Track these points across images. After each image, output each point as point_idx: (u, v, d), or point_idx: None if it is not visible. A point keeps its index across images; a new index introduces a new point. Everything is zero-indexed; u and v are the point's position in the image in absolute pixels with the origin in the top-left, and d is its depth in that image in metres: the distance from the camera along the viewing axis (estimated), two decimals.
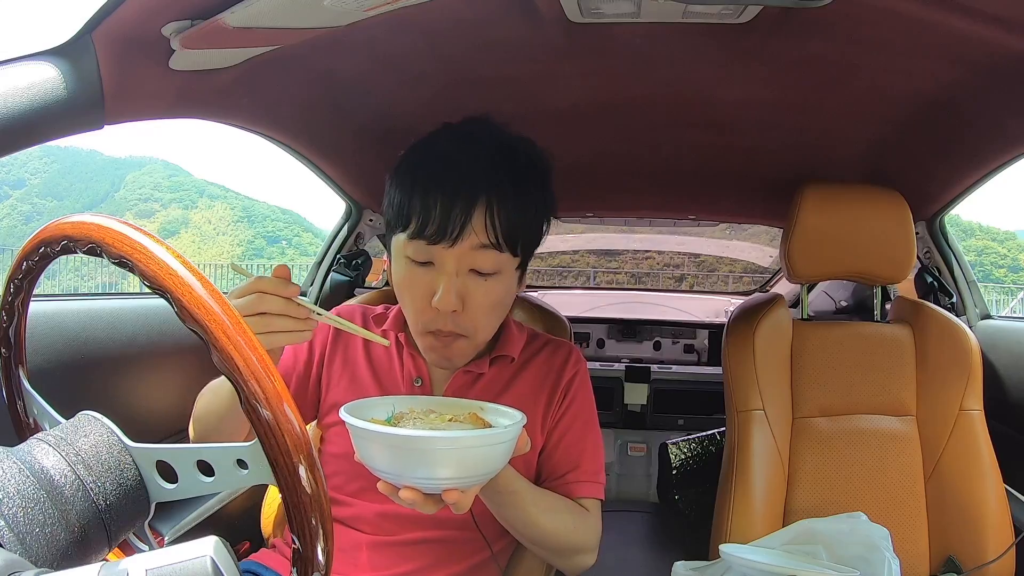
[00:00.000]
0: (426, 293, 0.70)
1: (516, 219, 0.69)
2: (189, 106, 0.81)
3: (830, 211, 1.11)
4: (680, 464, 1.74)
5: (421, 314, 0.71)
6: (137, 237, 0.38)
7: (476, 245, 0.68)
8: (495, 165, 0.69)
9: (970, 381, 1.07)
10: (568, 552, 0.76)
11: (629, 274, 4.05)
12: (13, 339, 0.48)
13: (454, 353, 0.74)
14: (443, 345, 0.73)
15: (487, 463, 0.55)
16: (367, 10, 0.68)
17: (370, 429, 0.53)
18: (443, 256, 0.68)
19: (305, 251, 32.47)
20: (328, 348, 0.83)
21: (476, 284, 0.70)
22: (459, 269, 0.69)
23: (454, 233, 0.66)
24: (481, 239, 0.68)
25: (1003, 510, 1.02)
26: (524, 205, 0.71)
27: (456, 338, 0.72)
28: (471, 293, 0.70)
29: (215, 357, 0.37)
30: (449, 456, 0.53)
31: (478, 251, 0.68)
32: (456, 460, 0.53)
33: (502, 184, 0.69)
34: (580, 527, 0.75)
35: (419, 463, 0.53)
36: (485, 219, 0.67)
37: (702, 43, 0.86)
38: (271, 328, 0.58)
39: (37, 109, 0.56)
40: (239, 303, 0.58)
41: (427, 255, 0.69)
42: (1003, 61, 0.83)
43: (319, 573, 0.39)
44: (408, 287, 0.72)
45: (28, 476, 0.36)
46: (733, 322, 1.18)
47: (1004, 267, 27.42)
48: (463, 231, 0.67)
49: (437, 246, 0.68)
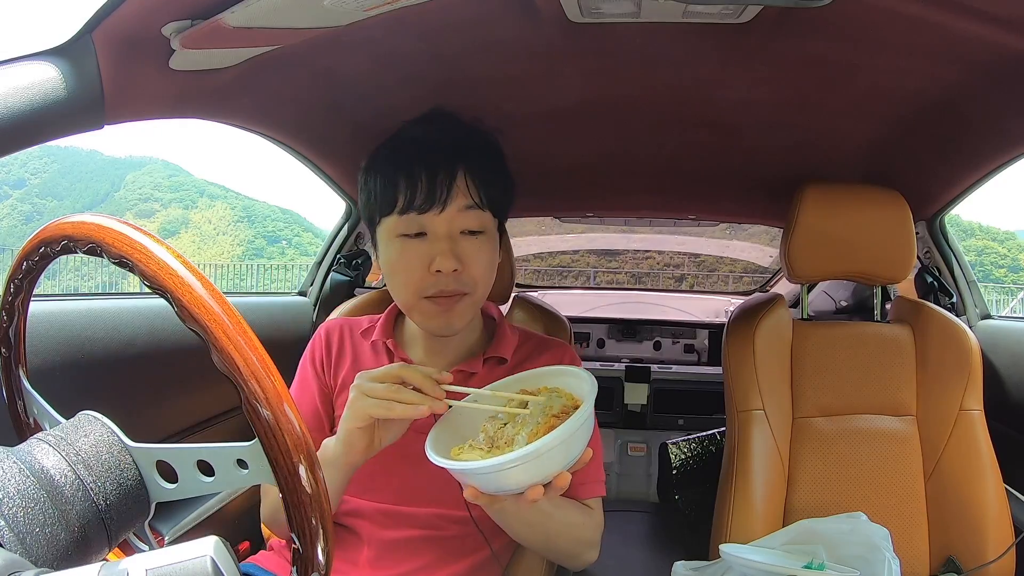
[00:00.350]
0: (423, 262, 0.73)
1: (491, 181, 0.77)
2: (189, 106, 0.81)
3: (830, 211, 1.11)
4: (680, 464, 1.74)
5: (421, 282, 0.74)
6: (137, 237, 0.38)
7: (462, 207, 0.74)
8: (464, 139, 0.77)
9: (970, 381, 1.07)
10: (576, 550, 0.78)
11: (629, 274, 4.04)
12: (13, 339, 0.48)
13: (455, 315, 0.76)
14: (444, 308, 0.75)
15: (584, 438, 0.58)
16: (367, 10, 0.68)
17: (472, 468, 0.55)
18: (435, 223, 0.74)
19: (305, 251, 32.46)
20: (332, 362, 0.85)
21: (470, 243, 0.75)
22: (451, 232, 0.74)
23: (443, 197, 0.72)
24: (466, 200, 0.74)
25: (1003, 510, 1.02)
26: (494, 170, 0.78)
27: (459, 299, 0.75)
28: (467, 252, 0.74)
29: (215, 357, 0.37)
30: (559, 451, 0.55)
31: (465, 212, 0.74)
32: (562, 452, 0.55)
33: (473, 153, 0.76)
34: (587, 525, 0.77)
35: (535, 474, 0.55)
36: (467, 182, 0.74)
37: (702, 43, 0.86)
38: (397, 397, 0.62)
39: (37, 109, 0.56)
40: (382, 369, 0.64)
41: (419, 226, 0.74)
42: (1003, 61, 0.83)
43: (319, 573, 0.39)
44: (404, 261, 0.75)
45: (28, 476, 0.36)
46: (733, 322, 1.18)
47: (1004, 267, 27.40)
48: (450, 194, 0.73)
49: (428, 214, 0.73)
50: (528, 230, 2.55)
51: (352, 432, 0.64)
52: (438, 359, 0.82)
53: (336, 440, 0.67)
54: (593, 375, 0.64)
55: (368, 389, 0.63)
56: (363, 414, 0.63)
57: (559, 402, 0.62)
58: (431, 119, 0.79)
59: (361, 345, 0.86)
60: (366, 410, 0.63)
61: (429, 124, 0.79)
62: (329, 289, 1.46)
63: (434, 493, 0.77)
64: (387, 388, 0.62)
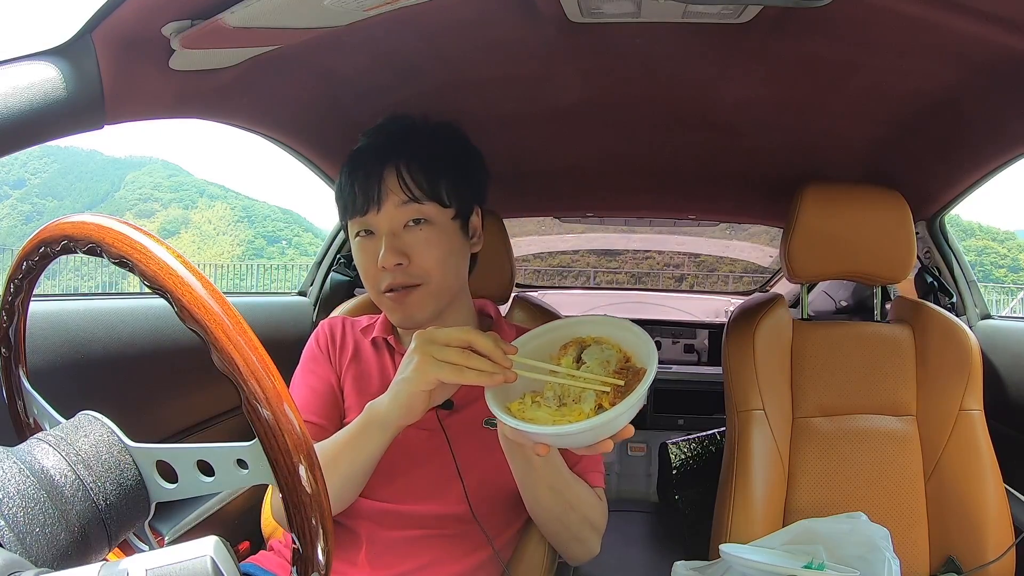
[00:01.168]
0: (373, 258, 0.77)
1: (429, 173, 0.78)
2: (189, 106, 0.81)
3: (830, 211, 1.11)
4: (680, 464, 1.74)
5: (375, 278, 0.78)
6: (137, 237, 0.38)
7: (398, 203, 0.77)
8: (401, 138, 0.81)
9: (970, 381, 1.07)
10: (584, 534, 0.77)
11: (629, 274, 4.05)
12: (13, 339, 0.48)
13: (411, 306, 0.78)
14: (398, 300, 0.78)
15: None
16: (367, 10, 0.68)
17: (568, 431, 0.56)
18: (376, 221, 0.78)
19: (305, 251, 32.45)
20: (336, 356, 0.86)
21: (413, 235, 0.78)
22: (392, 228, 0.77)
23: (375, 196, 0.76)
24: (401, 196, 0.77)
25: (1003, 510, 1.02)
26: (434, 159, 0.80)
27: (410, 291, 0.77)
28: (411, 244, 0.77)
29: (215, 357, 0.37)
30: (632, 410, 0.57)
31: (401, 208, 0.77)
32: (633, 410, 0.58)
33: (407, 149, 0.79)
34: (597, 507, 0.78)
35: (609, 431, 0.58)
36: (400, 179, 0.77)
37: (702, 43, 0.86)
38: (468, 363, 0.61)
39: (37, 109, 0.56)
40: (450, 330, 0.63)
41: (365, 225, 0.79)
42: (1003, 61, 0.83)
43: (319, 573, 0.39)
44: (361, 259, 0.80)
45: (28, 476, 0.36)
46: (733, 322, 1.18)
47: (1004, 267, 27.38)
48: (381, 193, 0.77)
49: (369, 215, 0.77)
50: (528, 230, 2.55)
51: (415, 395, 0.63)
52: None
53: (391, 401, 0.65)
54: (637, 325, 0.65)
55: (437, 352, 0.61)
56: (431, 378, 0.62)
57: (612, 354, 0.63)
58: (381, 126, 0.84)
59: (362, 342, 0.87)
60: (435, 373, 0.61)
61: (377, 132, 0.83)
62: (329, 289, 1.47)
63: (434, 491, 0.77)
64: (457, 352, 0.61)
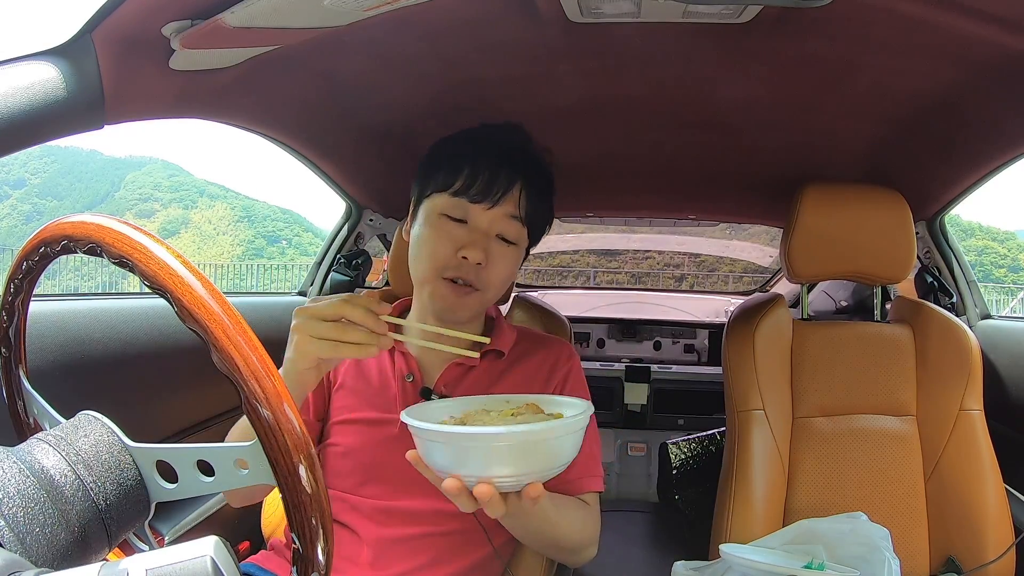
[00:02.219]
0: (455, 245, 0.76)
1: (540, 202, 0.81)
2: (189, 106, 0.81)
3: (830, 211, 1.11)
4: (680, 464, 1.74)
5: (446, 261, 0.76)
6: (137, 237, 0.38)
7: (508, 213, 0.77)
8: (530, 154, 0.82)
9: (970, 381, 1.07)
10: (578, 548, 0.78)
11: (629, 274, 4.05)
12: (13, 339, 0.48)
13: (464, 304, 0.78)
14: (457, 294, 0.77)
15: (562, 453, 0.55)
16: (367, 10, 0.68)
17: (449, 431, 0.53)
18: (479, 216, 0.77)
19: (305, 251, 32.47)
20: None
21: (500, 247, 0.78)
22: (490, 230, 0.78)
23: (496, 196, 0.76)
24: (512, 209, 0.78)
25: (1003, 510, 1.02)
26: (547, 193, 0.83)
27: (471, 292, 0.77)
28: (494, 253, 0.77)
29: (215, 357, 0.37)
30: (529, 448, 0.52)
31: (507, 220, 0.78)
32: (538, 452, 0.53)
33: (534, 169, 0.80)
34: (586, 523, 0.78)
35: (502, 460, 0.52)
36: (520, 192, 0.78)
37: (702, 43, 0.86)
38: (343, 337, 0.61)
39: (37, 109, 0.56)
40: (322, 305, 0.62)
41: (464, 212, 0.77)
42: (1003, 61, 0.83)
43: (319, 573, 0.39)
44: (437, 238, 0.77)
45: (28, 476, 0.36)
46: (733, 322, 1.18)
47: (1004, 267, 27.40)
48: (504, 197, 0.76)
49: (478, 205, 0.76)
50: None
51: (302, 373, 0.63)
52: (435, 353, 0.82)
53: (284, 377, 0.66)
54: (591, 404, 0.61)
55: (312, 329, 0.61)
56: (311, 356, 0.62)
57: (526, 410, 0.61)
58: (512, 129, 0.84)
59: None
60: (313, 352, 0.61)
61: (509, 132, 0.83)
62: (329, 289, 1.47)
63: (433, 488, 0.77)
64: (331, 327, 0.61)
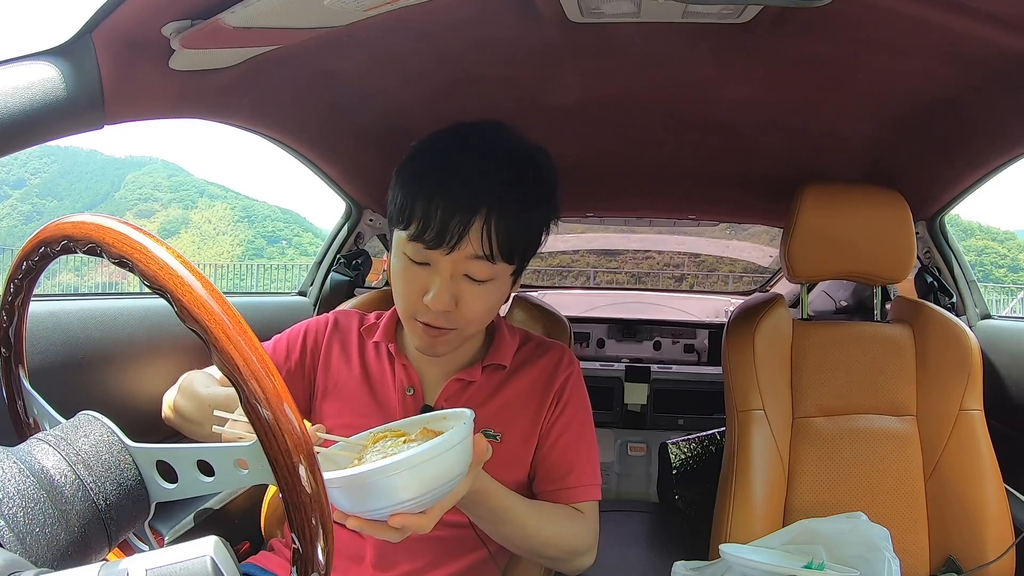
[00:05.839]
0: (420, 290, 0.71)
1: (516, 233, 0.71)
2: (189, 106, 0.81)
3: (830, 211, 1.11)
4: (680, 464, 1.74)
5: (414, 305, 0.72)
6: (137, 237, 0.38)
7: (471, 255, 0.69)
8: (501, 178, 0.70)
9: (970, 381, 1.07)
10: (567, 557, 0.77)
11: (629, 274, 4.05)
12: (13, 339, 0.48)
13: (441, 344, 0.75)
14: (431, 335, 0.74)
15: (444, 474, 0.52)
16: (367, 10, 0.68)
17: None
18: (439, 260, 0.70)
19: (305, 251, 32.44)
20: (323, 349, 0.84)
21: (469, 288, 0.71)
22: (453, 273, 0.71)
23: (451, 242, 0.68)
24: (476, 250, 0.69)
25: (1003, 510, 1.02)
26: (527, 220, 0.73)
27: (445, 332, 0.73)
28: (464, 296, 0.71)
29: (215, 357, 0.37)
30: (403, 479, 0.50)
31: (472, 260, 0.70)
32: (414, 481, 0.50)
33: (506, 198, 0.69)
34: (577, 531, 0.76)
35: (374, 496, 0.50)
36: (482, 232, 0.68)
37: (702, 43, 0.86)
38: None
39: (37, 109, 0.56)
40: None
41: (424, 257, 0.71)
42: (1003, 61, 0.83)
43: (319, 573, 0.39)
44: (404, 281, 0.73)
45: (28, 476, 0.36)
46: (733, 322, 1.18)
47: (1004, 267, 27.39)
48: (460, 241, 0.68)
49: (434, 251, 0.69)
50: None
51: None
52: (436, 367, 0.82)
53: None
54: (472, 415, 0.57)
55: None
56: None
57: (419, 436, 0.59)
58: (481, 135, 0.73)
59: (366, 344, 0.85)
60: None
61: (474, 145, 0.73)
62: (329, 289, 1.47)
63: None
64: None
